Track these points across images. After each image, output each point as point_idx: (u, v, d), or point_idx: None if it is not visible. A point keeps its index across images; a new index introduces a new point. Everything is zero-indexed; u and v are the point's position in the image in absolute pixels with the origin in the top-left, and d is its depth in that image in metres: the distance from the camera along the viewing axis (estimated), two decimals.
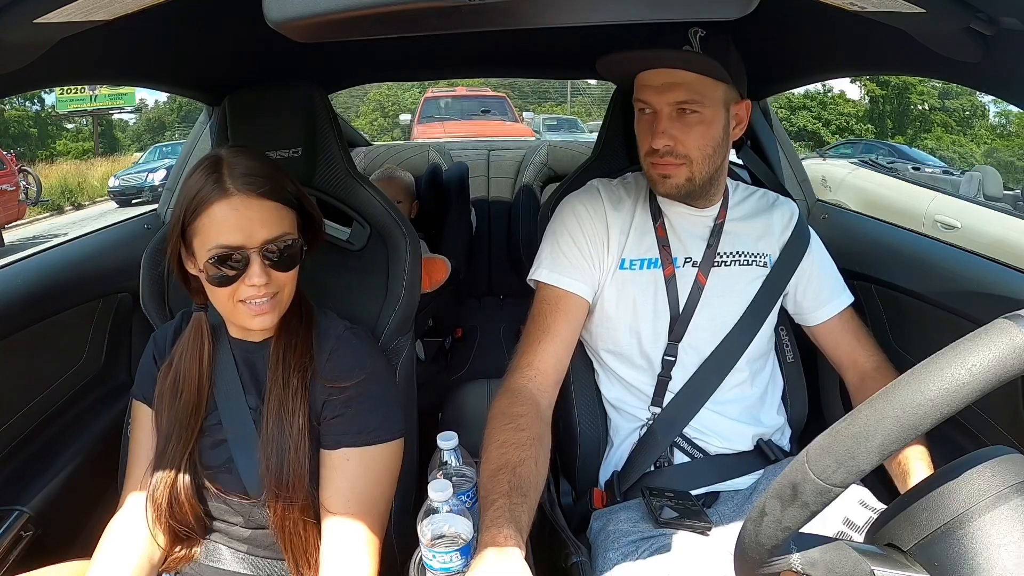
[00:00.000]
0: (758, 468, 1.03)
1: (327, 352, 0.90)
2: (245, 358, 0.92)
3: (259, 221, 0.81)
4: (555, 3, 0.60)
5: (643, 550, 0.89)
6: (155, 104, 21.84)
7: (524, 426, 0.86)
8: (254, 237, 0.81)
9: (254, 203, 0.81)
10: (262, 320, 0.84)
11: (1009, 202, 5.01)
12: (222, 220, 0.80)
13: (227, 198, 0.80)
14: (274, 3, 0.55)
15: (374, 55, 1.63)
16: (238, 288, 0.82)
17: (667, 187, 1.00)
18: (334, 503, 0.85)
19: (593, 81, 13.48)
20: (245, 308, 0.83)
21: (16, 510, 1.04)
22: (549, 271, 1.03)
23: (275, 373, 0.88)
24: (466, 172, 2.11)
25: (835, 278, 1.11)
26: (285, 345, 0.89)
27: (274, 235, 0.82)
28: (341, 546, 0.84)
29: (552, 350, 0.98)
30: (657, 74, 0.95)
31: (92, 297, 1.30)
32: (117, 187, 11.37)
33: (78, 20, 0.70)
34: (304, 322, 0.92)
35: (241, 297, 0.83)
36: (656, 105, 0.96)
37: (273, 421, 0.87)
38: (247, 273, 0.81)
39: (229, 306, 0.84)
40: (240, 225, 0.80)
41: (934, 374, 0.43)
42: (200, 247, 0.82)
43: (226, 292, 0.82)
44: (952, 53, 0.78)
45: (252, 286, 0.81)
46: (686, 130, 0.96)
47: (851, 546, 0.50)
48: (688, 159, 0.97)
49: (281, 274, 0.84)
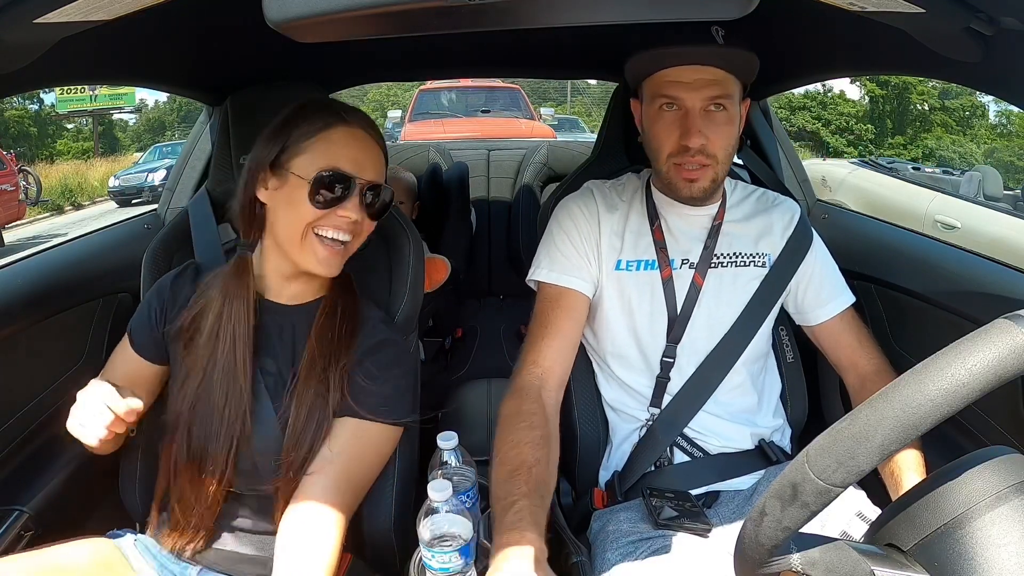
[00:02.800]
0: (759, 468, 1.03)
1: (377, 340, 0.90)
2: (273, 320, 0.90)
3: (372, 160, 0.86)
4: (555, 3, 0.60)
5: (642, 551, 0.89)
6: (155, 104, 21.84)
7: (536, 424, 0.87)
8: (365, 172, 0.85)
9: (371, 142, 0.87)
10: (328, 262, 0.85)
11: (1009, 202, 5.01)
12: (344, 144, 0.84)
13: (350, 127, 0.85)
14: (274, 3, 0.55)
15: (374, 55, 1.63)
16: (328, 216, 0.83)
17: (693, 191, 0.98)
18: (316, 464, 0.83)
19: (593, 81, 13.48)
20: (318, 242, 0.84)
21: (16, 510, 1.04)
22: (548, 270, 1.04)
23: (321, 340, 0.87)
24: (466, 172, 2.11)
25: (836, 278, 1.10)
26: (336, 312, 0.89)
27: (379, 179, 0.87)
28: (308, 509, 0.80)
29: (556, 346, 0.99)
30: (689, 70, 0.94)
31: (92, 297, 1.30)
32: (117, 187, 11.36)
33: (78, 20, 0.70)
34: (353, 296, 0.93)
35: (321, 228, 0.84)
36: (688, 102, 0.94)
37: (306, 391, 0.85)
38: (346, 202, 0.83)
39: (299, 234, 0.83)
40: (357, 157, 0.84)
41: (934, 374, 0.43)
42: (308, 164, 0.83)
43: (307, 217, 0.82)
44: (952, 53, 0.78)
45: (344, 216, 0.83)
46: (716, 128, 0.95)
47: (851, 546, 0.50)
48: (715, 159, 0.96)
49: (367, 221, 0.87)
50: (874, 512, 0.88)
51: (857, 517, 0.87)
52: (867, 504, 0.91)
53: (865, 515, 0.88)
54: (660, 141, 0.98)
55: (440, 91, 7.77)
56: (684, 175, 0.97)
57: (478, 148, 2.61)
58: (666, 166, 0.98)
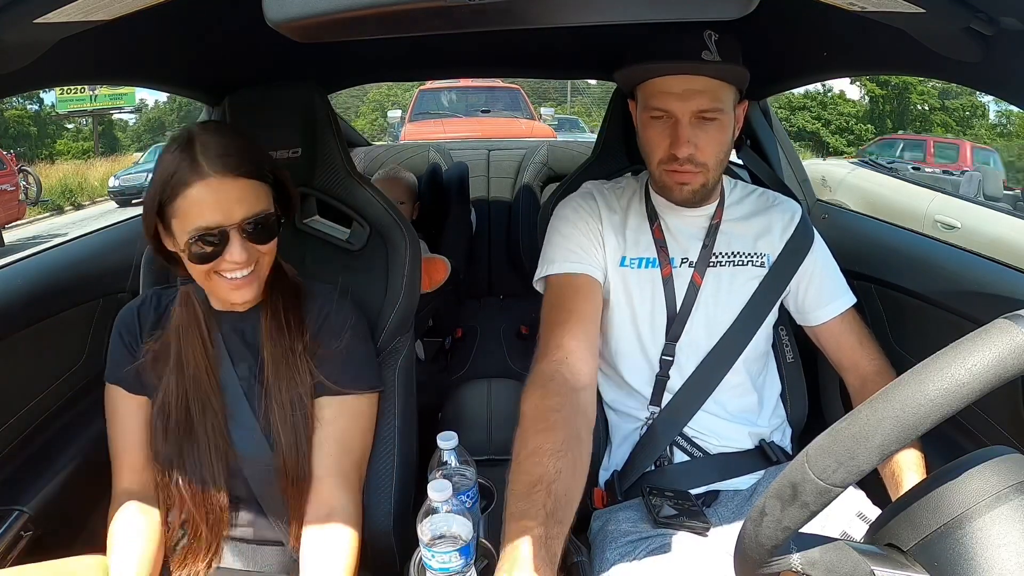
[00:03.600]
0: (759, 468, 1.03)
1: (324, 314, 0.94)
2: (232, 328, 0.94)
3: (236, 200, 0.82)
4: (555, 3, 0.60)
5: (641, 550, 0.89)
6: (155, 104, 21.81)
7: (558, 424, 0.79)
8: (232, 216, 0.82)
9: (229, 182, 0.81)
10: (242, 293, 0.86)
11: (1009, 202, 5.01)
12: (200, 202, 0.81)
13: (203, 180, 0.80)
14: (274, 3, 0.55)
15: (374, 55, 1.63)
16: (219, 263, 0.83)
17: (683, 194, 0.99)
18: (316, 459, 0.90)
19: (593, 81, 13.47)
20: (225, 282, 0.85)
21: (16, 510, 1.04)
22: (560, 263, 1.02)
23: (274, 339, 0.90)
24: (466, 172, 2.11)
25: (837, 279, 1.10)
26: (279, 310, 0.92)
27: (252, 212, 0.83)
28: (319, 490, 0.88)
29: (580, 328, 0.94)
30: (678, 80, 0.93)
31: (92, 297, 1.30)
32: (117, 187, 11.36)
33: (78, 20, 0.70)
34: (291, 288, 0.94)
35: (220, 270, 0.84)
36: (678, 112, 0.94)
37: (279, 387, 0.89)
38: (227, 250, 0.82)
39: (206, 280, 0.86)
40: (218, 206, 0.81)
41: (934, 374, 0.43)
42: (179, 228, 0.82)
43: (205, 268, 0.83)
44: (952, 53, 0.78)
45: (233, 262, 0.83)
46: (706, 137, 0.95)
47: (851, 546, 0.50)
48: (704, 167, 0.96)
49: (260, 247, 0.85)
50: (874, 512, 0.88)
51: (857, 517, 0.87)
52: (867, 504, 0.91)
53: (865, 515, 0.88)
54: (651, 148, 0.99)
55: (440, 91, 7.73)
56: (675, 178, 0.98)
57: (478, 148, 2.60)
58: (658, 171, 1.00)
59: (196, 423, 0.89)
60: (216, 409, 0.90)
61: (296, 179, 0.97)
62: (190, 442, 0.90)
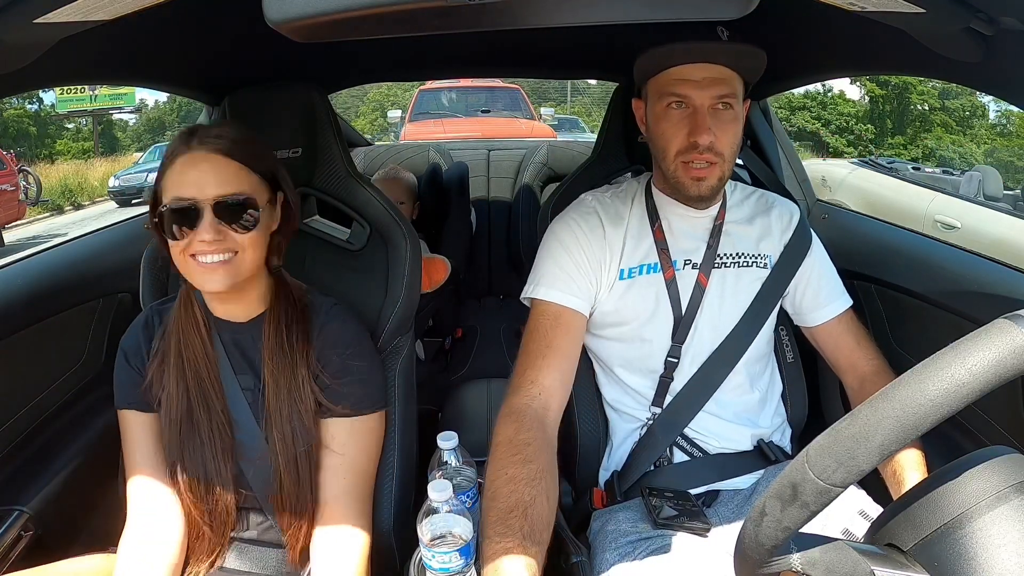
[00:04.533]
0: (758, 468, 1.03)
1: (319, 327, 0.92)
2: (232, 339, 0.92)
3: (213, 175, 0.81)
4: (555, 3, 0.60)
5: (640, 551, 0.89)
6: (155, 104, 21.81)
7: (532, 456, 0.81)
8: (206, 191, 0.81)
9: (212, 158, 0.82)
10: (213, 280, 0.83)
11: (1009, 202, 5.01)
12: (180, 173, 0.82)
13: (189, 152, 0.82)
14: (274, 3, 0.55)
15: (374, 55, 1.63)
16: (191, 242, 0.82)
17: (700, 190, 0.98)
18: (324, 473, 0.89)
19: (593, 81, 13.45)
20: (196, 264, 0.83)
21: (16, 510, 1.04)
22: (547, 288, 1.01)
23: (275, 350, 0.89)
24: (466, 172, 2.11)
25: (835, 280, 1.10)
26: (282, 328, 0.90)
27: (227, 191, 0.82)
28: (331, 511, 0.87)
29: (556, 365, 0.95)
30: (697, 68, 0.93)
31: (92, 297, 1.31)
32: (117, 187, 11.36)
33: (78, 20, 0.70)
34: (294, 298, 0.93)
35: (192, 252, 0.82)
36: (696, 100, 0.94)
37: (280, 398, 0.88)
38: (198, 227, 0.81)
39: (182, 261, 0.84)
40: (194, 179, 0.81)
41: (934, 374, 0.43)
42: (165, 203, 0.82)
43: (179, 246, 0.82)
44: (952, 53, 0.78)
45: (202, 240, 0.81)
46: (723, 127, 0.95)
47: (851, 546, 0.50)
48: (722, 156, 0.96)
49: (236, 234, 0.83)
50: (876, 510, 0.88)
51: (859, 515, 0.87)
52: (869, 502, 0.91)
53: (867, 513, 0.88)
54: (668, 139, 0.97)
55: (440, 91, 7.73)
56: (692, 173, 0.97)
57: (478, 148, 2.61)
58: (673, 165, 0.98)
59: (199, 421, 0.89)
60: (219, 408, 0.89)
61: (296, 179, 0.97)
62: (193, 441, 0.89)
